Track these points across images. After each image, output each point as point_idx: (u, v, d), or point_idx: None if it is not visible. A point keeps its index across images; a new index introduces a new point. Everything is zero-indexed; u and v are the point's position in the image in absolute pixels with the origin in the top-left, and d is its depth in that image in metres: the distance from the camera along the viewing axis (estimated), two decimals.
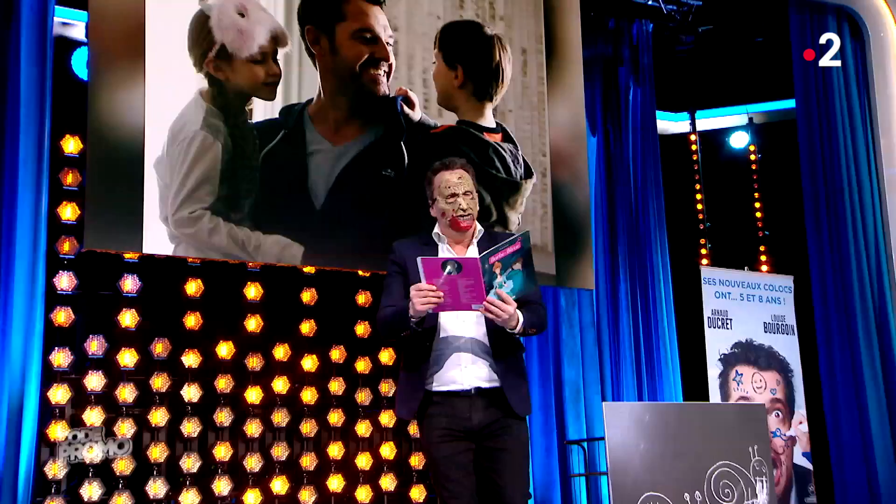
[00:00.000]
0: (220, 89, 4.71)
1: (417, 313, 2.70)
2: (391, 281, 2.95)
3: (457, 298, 2.64)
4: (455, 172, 2.93)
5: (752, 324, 6.01)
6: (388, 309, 2.87)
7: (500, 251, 2.63)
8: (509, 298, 2.69)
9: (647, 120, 6.64)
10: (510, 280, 2.67)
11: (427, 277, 2.63)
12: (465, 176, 2.93)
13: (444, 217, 2.93)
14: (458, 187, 2.90)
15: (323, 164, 4.96)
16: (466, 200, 2.90)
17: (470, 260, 2.61)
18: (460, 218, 2.90)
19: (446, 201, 2.90)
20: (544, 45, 5.80)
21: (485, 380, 2.83)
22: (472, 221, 2.94)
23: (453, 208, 2.90)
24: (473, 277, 2.60)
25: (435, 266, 2.61)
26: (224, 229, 4.64)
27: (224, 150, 4.67)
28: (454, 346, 2.84)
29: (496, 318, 2.70)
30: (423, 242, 2.97)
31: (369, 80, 5.12)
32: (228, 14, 4.77)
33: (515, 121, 5.60)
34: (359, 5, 5.14)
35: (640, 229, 6.43)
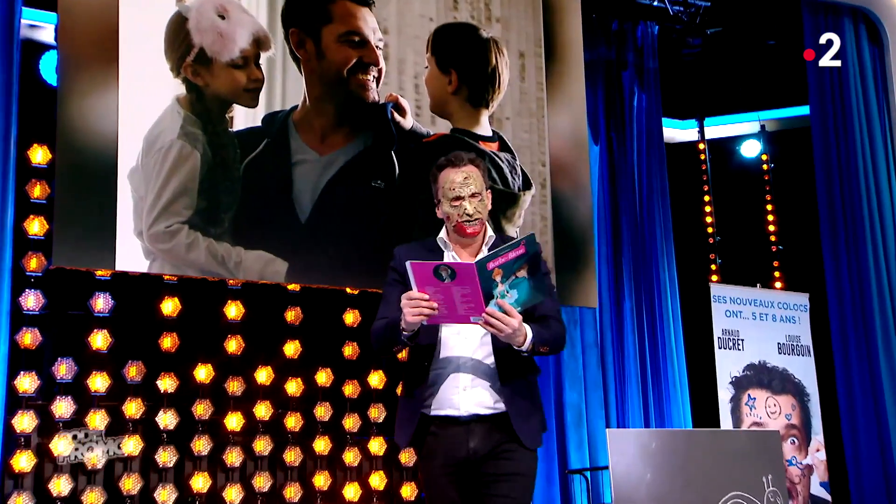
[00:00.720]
0: (199, 95, 4.71)
1: (409, 325, 2.57)
2: (390, 290, 2.81)
3: (453, 309, 2.50)
4: (461, 171, 2.78)
5: (765, 345, 6.01)
6: (382, 321, 2.76)
7: (501, 256, 2.47)
8: (513, 310, 2.52)
9: (653, 127, 6.67)
10: (514, 289, 2.51)
11: (418, 285, 2.49)
12: (472, 175, 2.78)
13: (450, 221, 2.80)
14: (463, 188, 2.75)
15: (308, 174, 4.96)
16: (473, 204, 2.75)
17: (464, 265, 2.46)
18: (466, 224, 2.76)
19: (451, 204, 2.77)
20: (543, 49, 5.83)
21: (486, 405, 2.68)
22: (481, 226, 2.80)
23: (458, 213, 2.76)
24: (469, 285, 2.45)
25: (426, 272, 2.45)
26: (203, 244, 4.63)
27: (203, 161, 4.67)
28: (454, 366, 2.70)
29: (498, 333, 2.54)
30: (427, 248, 2.85)
31: (357, 86, 5.13)
32: (207, 16, 4.78)
33: (513, 129, 5.62)
34: (346, 7, 5.17)
35: (646, 243, 6.44)
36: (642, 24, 6.80)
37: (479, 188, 2.77)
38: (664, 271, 6.46)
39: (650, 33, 6.80)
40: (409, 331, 2.60)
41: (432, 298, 2.50)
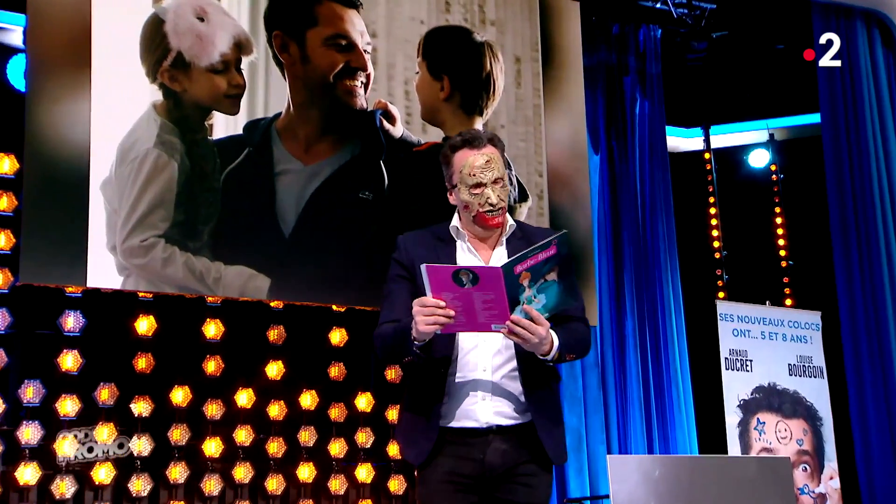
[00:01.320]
0: (177, 102, 4.71)
1: (421, 335, 2.43)
2: (394, 288, 2.68)
3: (473, 317, 2.37)
4: (482, 153, 2.62)
5: (775, 366, 6.01)
6: (389, 326, 2.61)
7: (530, 258, 2.35)
8: (541, 317, 2.41)
9: (656, 136, 6.68)
10: (542, 294, 2.41)
11: (434, 290, 2.35)
12: (494, 158, 2.63)
13: (468, 210, 2.64)
14: (485, 173, 2.60)
15: (292, 185, 4.96)
16: (497, 191, 2.61)
17: (490, 269, 2.32)
18: (489, 214, 2.61)
19: (471, 192, 2.61)
20: (540, 53, 5.85)
21: (508, 415, 2.58)
22: (504, 216, 2.66)
23: (479, 202, 2.61)
24: (494, 291, 2.31)
25: (444, 276, 2.32)
26: (180, 259, 4.62)
27: (180, 171, 4.67)
28: (473, 374, 2.58)
29: (523, 343, 2.43)
30: (437, 237, 2.71)
31: (344, 92, 5.14)
32: (186, 18, 4.79)
33: (508, 137, 5.62)
34: (332, 8, 5.18)
35: (649, 259, 6.45)
36: (644, 28, 6.83)
37: (501, 173, 2.62)
38: (668, 288, 6.46)
39: (653, 37, 6.83)
40: (420, 340, 2.46)
41: (449, 305, 2.36)
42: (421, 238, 2.71)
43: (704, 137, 7.29)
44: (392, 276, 2.69)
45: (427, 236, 2.72)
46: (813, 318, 6.25)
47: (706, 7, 6.70)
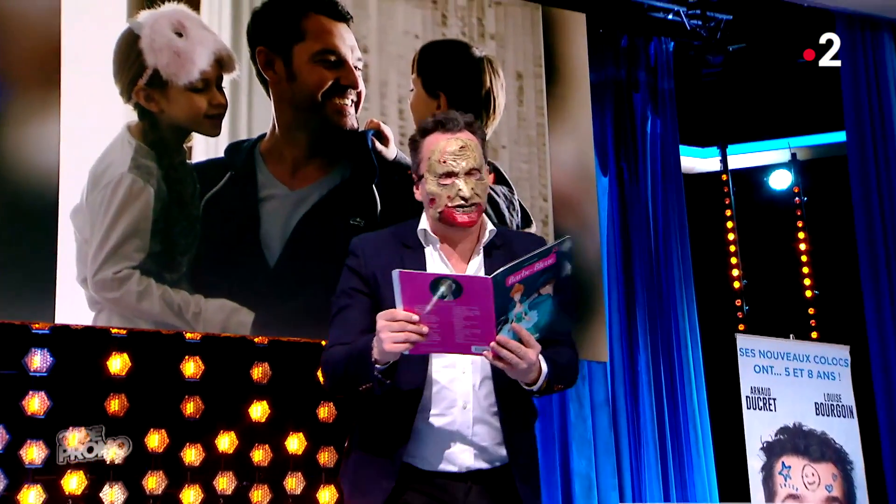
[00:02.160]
0: (153, 123, 4.72)
1: (385, 356, 2.17)
2: (348, 304, 2.41)
3: (450, 336, 2.12)
4: (456, 138, 2.37)
5: (800, 405, 5.98)
6: (341, 348, 2.34)
7: (526, 266, 2.11)
8: (531, 338, 2.18)
9: (669, 156, 6.70)
10: (534, 310, 2.17)
11: (406, 301, 2.09)
12: (471, 145, 2.37)
13: (434, 206, 2.39)
14: (457, 161, 2.35)
15: (278, 212, 4.96)
16: (471, 184, 2.35)
17: (478, 280, 2.08)
18: (458, 210, 2.35)
19: (439, 183, 2.36)
20: (544, 69, 5.87)
21: (488, 458, 2.36)
22: (478, 215, 2.39)
23: (449, 194, 2.35)
24: (479, 306, 2.07)
25: (421, 285, 2.07)
26: (156, 292, 4.61)
27: (157, 197, 4.67)
28: (448, 408, 2.34)
29: (509, 369, 2.19)
30: (401, 242, 2.45)
31: (334, 112, 5.15)
32: (163, 33, 4.81)
33: (510, 159, 5.63)
34: (320, 22, 5.20)
35: (663, 288, 6.44)
36: (656, 40, 6.85)
37: (477, 162, 2.36)
38: (684, 320, 6.45)
39: (665, 50, 6.86)
40: (384, 363, 2.20)
41: (423, 321, 2.10)
42: (383, 242, 2.45)
43: (721, 158, 7.30)
44: (346, 290, 2.42)
45: (390, 241, 2.45)
46: (841, 352, 6.23)
47: (722, 18, 6.73)
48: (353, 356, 2.27)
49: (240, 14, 5.06)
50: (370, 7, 5.38)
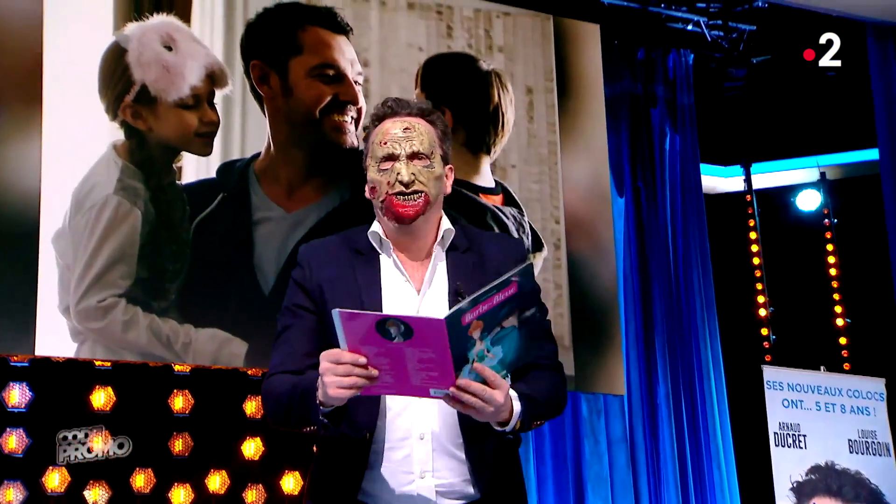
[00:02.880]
0: (140, 142, 4.74)
1: (330, 400, 2.05)
2: (291, 323, 2.30)
3: (404, 379, 2.02)
4: (402, 120, 2.28)
5: (832, 442, 5.95)
6: (283, 379, 2.24)
7: (483, 301, 2.00)
8: (497, 378, 2.05)
9: (690, 175, 6.70)
10: (498, 346, 2.07)
11: (351, 341, 1.99)
12: (419, 127, 2.27)
13: (375, 196, 2.29)
14: (399, 143, 2.24)
15: (273, 235, 4.97)
16: (412, 168, 2.23)
17: (427, 322, 1.96)
18: (398, 198, 2.23)
19: (379, 168, 2.26)
20: (555, 83, 5.88)
21: (457, 493, 2.22)
22: (425, 205, 2.26)
23: (388, 180, 2.23)
24: (433, 348, 1.97)
25: (363, 326, 1.97)
26: (143, 322, 4.61)
27: (144, 220, 4.68)
28: (405, 441, 2.21)
29: (475, 414, 2.06)
30: (352, 248, 2.33)
31: (332, 129, 5.16)
32: (151, 47, 4.83)
33: (520, 178, 5.64)
34: (318, 35, 5.23)
35: (683, 316, 6.43)
36: (674, 53, 6.87)
37: (425, 147, 2.26)
38: (706, 350, 6.43)
39: (684, 63, 6.87)
40: (329, 407, 2.09)
41: (372, 363, 2.00)
42: (331, 250, 2.34)
43: (745, 177, 7.29)
44: (289, 306, 2.31)
45: (340, 247, 2.33)
46: (876, 386, 6.20)
47: (745, 28, 6.74)
48: (296, 395, 2.17)
49: (233, 26, 5.08)
50: (371, 18, 5.41)
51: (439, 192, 2.31)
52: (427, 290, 2.29)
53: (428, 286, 2.29)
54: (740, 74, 6.84)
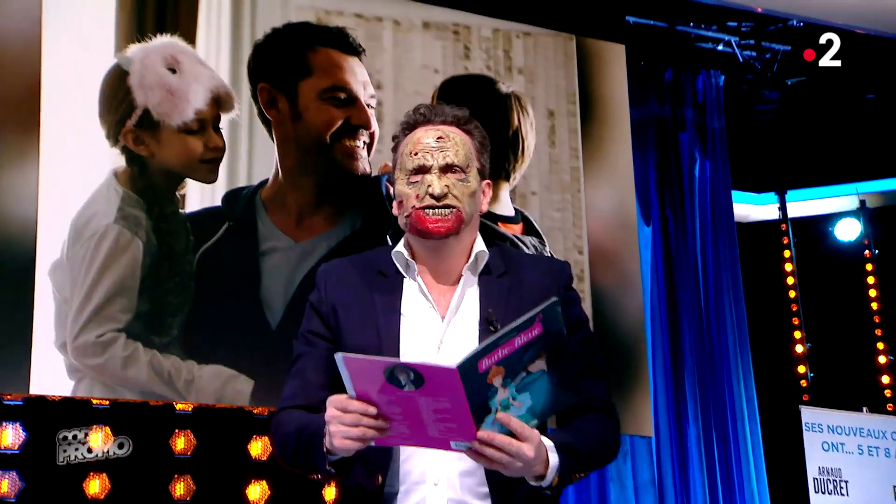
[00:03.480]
0: (142, 169, 4.76)
1: (338, 451, 1.97)
2: (305, 352, 2.23)
3: (420, 429, 1.92)
4: (436, 129, 2.20)
5: (876, 488, 5.90)
6: (293, 416, 2.17)
7: (503, 345, 1.88)
8: (525, 428, 1.92)
9: (721, 203, 6.69)
10: (525, 393, 1.94)
11: (359, 387, 1.90)
12: (454, 137, 2.19)
13: (402, 211, 2.19)
14: (431, 154, 2.16)
15: (281, 266, 4.97)
16: (445, 182, 2.14)
17: (438, 370, 1.84)
18: (427, 213, 2.13)
19: (408, 181, 2.17)
20: (578, 106, 5.89)
21: None
22: (457, 223, 2.15)
23: (417, 193, 2.14)
24: (448, 397, 1.86)
25: (372, 373, 1.87)
26: (144, 358, 4.61)
27: (146, 251, 4.69)
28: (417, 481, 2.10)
29: (501, 469, 1.93)
30: (375, 269, 2.24)
31: (344, 155, 5.17)
32: (154, 69, 4.85)
33: (541, 206, 5.63)
34: (330, 56, 5.25)
35: (715, 353, 6.40)
36: (704, 74, 6.88)
37: (460, 159, 2.17)
38: (739, 389, 6.40)
39: (714, 85, 6.88)
40: (336, 456, 2.01)
41: (384, 411, 1.90)
42: (350, 270, 2.25)
43: (780, 205, 7.28)
44: (304, 333, 2.25)
45: (360, 267, 2.25)
46: None
47: (778, 48, 6.75)
48: (304, 438, 2.10)
49: (240, 47, 5.11)
50: (384, 39, 5.43)
51: (474, 210, 2.21)
52: (453, 317, 2.18)
53: (454, 313, 2.18)
54: (774, 97, 6.84)
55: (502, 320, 2.06)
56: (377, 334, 2.15)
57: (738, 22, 6.70)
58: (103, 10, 4.85)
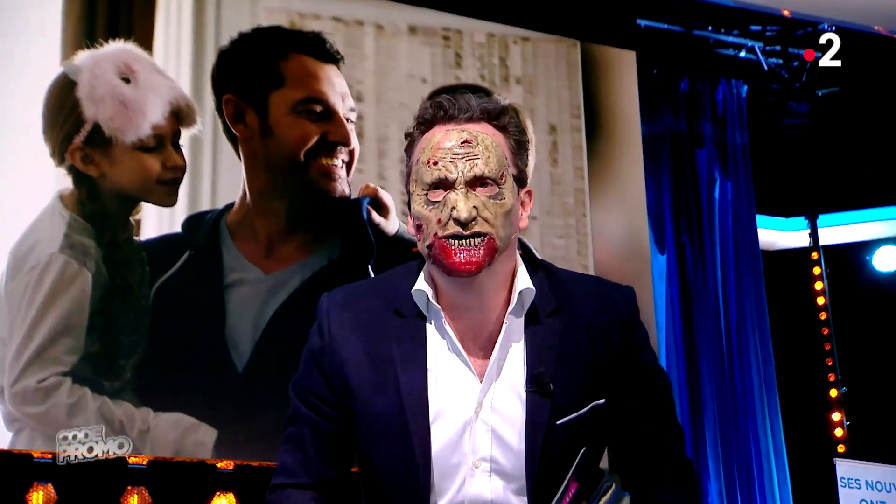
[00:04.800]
0: (92, 191, 4.75)
1: None
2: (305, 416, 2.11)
3: None
4: (460, 129, 1.99)
5: None
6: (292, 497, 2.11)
7: None
8: None
9: (744, 229, 6.70)
10: None
11: None
12: (484, 140, 1.98)
13: (422, 238, 2.01)
14: (454, 163, 1.96)
15: (249, 301, 4.97)
16: (473, 203, 1.94)
17: None
18: (451, 242, 1.95)
19: (427, 199, 1.98)
20: (583, 120, 5.90)
21: None
22: (490, 256, 1.96)
23: (440, 217, 1.95)
24: None
25: None
26: (92, 405, 4.59)
27: (96, 284, 4.67)
28: None
29: None
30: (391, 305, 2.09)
31: (320, 174, 5.16)
32: (106, 79, 4.84)
33: (542, 233, 5.63)
34: (304, 64, 5.25)
35: (738, 399, 6.39)
36: (724, 84, 6.90)
37: (492, 169, 1.96)
38: (766, 440, 6.39)
39: (736, 96, 6.90)
40: None
41: None
42: (359, 307, 2.10)
43: (811, 231, 7.28)
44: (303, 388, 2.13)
45: (373, 305, 2.09)
46: None
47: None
48: None
49: (203, 54, 5.11)
50: (366, 45, 5.44)
51: (511, 233, 2.00)
52: (495, 379, 2.03)
53: (496, 374, 2.03)
54: (803, 109, 6.86)
55: (553, 380, 1.98)
56: (398, 397, 2.01)
57: (763, 26, 6.73)
58: (48, 13, 4.86)
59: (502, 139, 2.03)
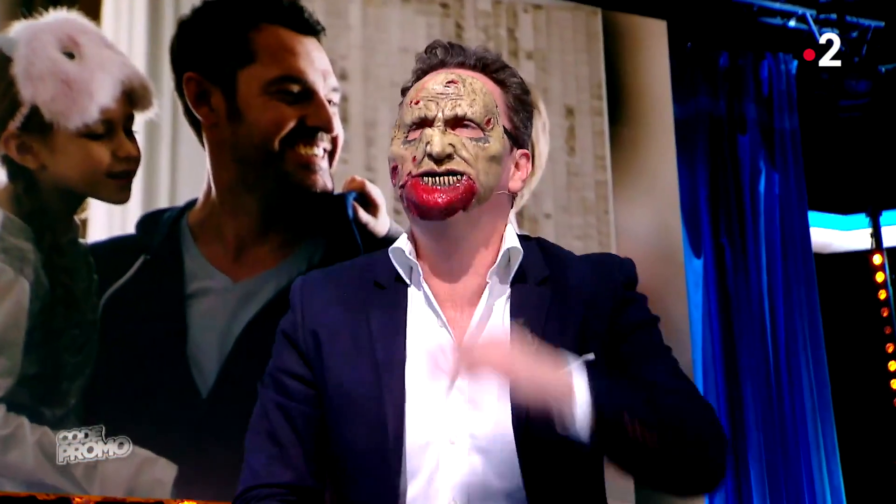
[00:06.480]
0: (30, 186, 4.76)
1: None
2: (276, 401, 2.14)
3: None
4: (448, 72, 2.11)
5: None
6: None
7: None
8: None
9: (794, 228, 6.69)
10: None
11: None
12: (472, 84, 2.07)
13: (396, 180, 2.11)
14: (436, 101, 2.05)
15: (215, 314, 4.98)
16: (451, 138, 2.03)
17: None
18: (423, 180, 2.03)
19: (405, 138, 2.08)
20: (605, 102, 5.90)
21: None
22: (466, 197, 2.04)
23: (414, 155, 2.05)
24: None
25: None
26: (31, 438, 4.59)
27: (35, 294, 4.68)
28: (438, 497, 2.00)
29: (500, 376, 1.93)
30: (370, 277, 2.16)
31: (297, 166, 5.16)
32: (46, 54, 4.84)
33: (557, 231, 5.62)
34: (279, 37, 5.24)
35: (788, 426, 6.39)
36: (770, 59, 6.90)
37: (477, 112, 2.05)
38: (821, 474, 6.38)
39: (784, 73, 6.90)
40: None
41: None
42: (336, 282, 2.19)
43: (872, 230, 7.28)
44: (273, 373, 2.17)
45: (350, 279, 2.18)
46: None
47: (868, 25, 6.75)
48: None
49: (159, 26, 5.11)
50: (351, 15, 5.43)
51: (495, 183, 2.07)
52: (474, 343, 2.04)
53: (476, 337, 2.07)
54: (863, 88, 6.84)
55: (541, 333, 1.98)
56: (374, 367, 2.04)
57: None
58: None
59: (499, 93, 2.13)
